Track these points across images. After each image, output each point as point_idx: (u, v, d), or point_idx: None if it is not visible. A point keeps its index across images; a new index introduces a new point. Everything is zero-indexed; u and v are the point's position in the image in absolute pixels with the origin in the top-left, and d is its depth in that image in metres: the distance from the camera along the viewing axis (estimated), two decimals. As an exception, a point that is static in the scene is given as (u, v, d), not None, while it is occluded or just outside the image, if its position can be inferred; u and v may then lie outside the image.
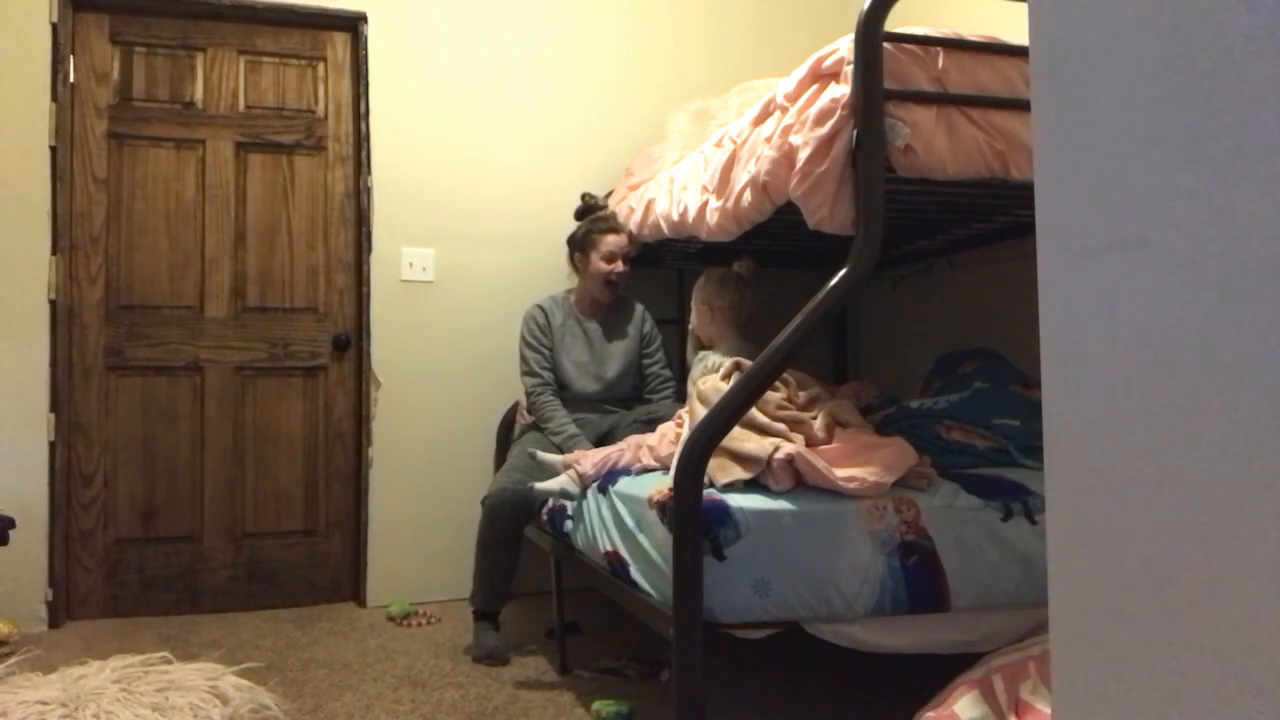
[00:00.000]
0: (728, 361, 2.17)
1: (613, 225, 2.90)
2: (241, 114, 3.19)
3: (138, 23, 3.10)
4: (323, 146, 3.24)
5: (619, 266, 2.87)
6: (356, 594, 3.22)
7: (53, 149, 2.96)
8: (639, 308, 3.03)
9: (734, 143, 2.15)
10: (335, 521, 3.21)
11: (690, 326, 2.71)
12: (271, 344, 3.19)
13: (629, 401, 2.92)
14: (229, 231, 3.17)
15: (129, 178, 3.10)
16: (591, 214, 3.09)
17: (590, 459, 2.29)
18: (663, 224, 2.64)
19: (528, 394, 2.88)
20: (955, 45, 1.80)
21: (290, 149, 3.22)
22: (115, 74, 3.10)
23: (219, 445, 3.13)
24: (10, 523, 2.40)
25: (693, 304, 2.64)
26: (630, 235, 2.88)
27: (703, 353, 2.57)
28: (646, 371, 2.98)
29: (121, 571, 3.03)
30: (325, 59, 3.25)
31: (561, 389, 2.88)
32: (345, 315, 3.25)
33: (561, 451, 2.60)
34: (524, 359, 2.88)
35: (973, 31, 1.86)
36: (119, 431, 3.05)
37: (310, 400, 3.21)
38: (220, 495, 3.12)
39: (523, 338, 2.90)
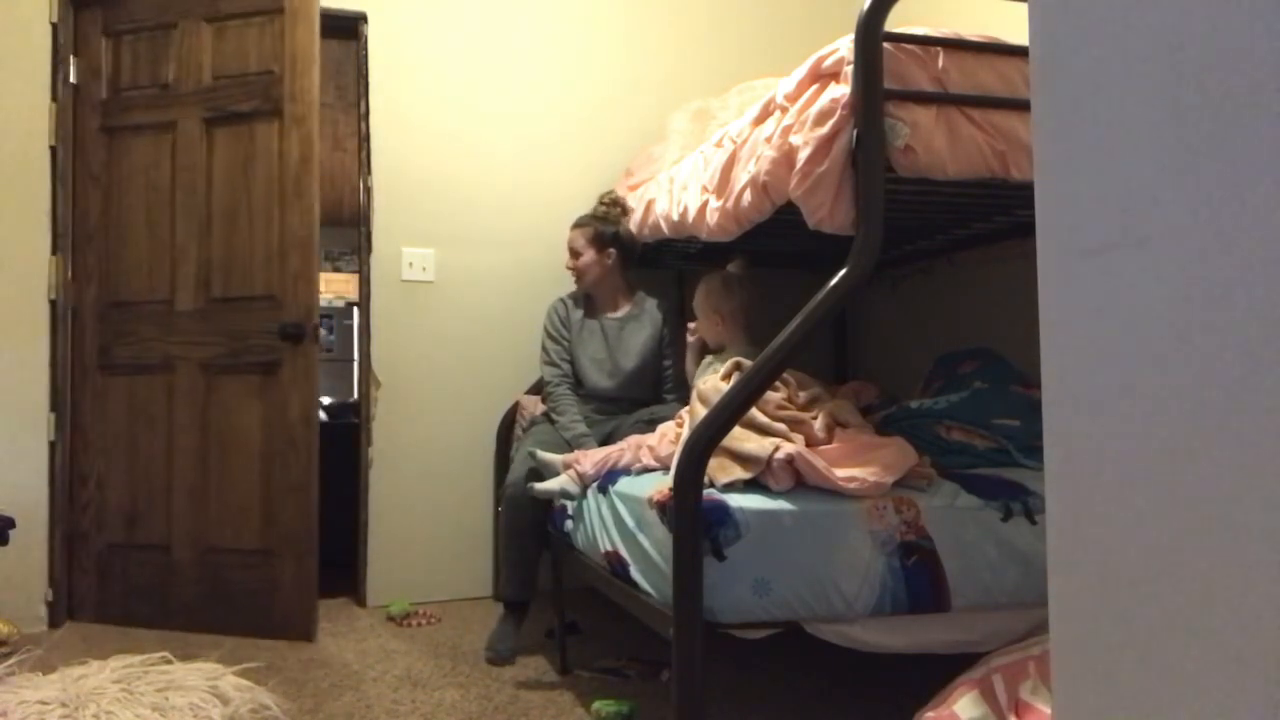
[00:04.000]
0: (728, 362, 2.16)
1: (577, 220, 2.99)
2: (208, 88, 2.93)
3: (125, 10, 3.00)
4: (279, 110, 2.83)
5: (570, 260, 2.96)
6: (356, 594, 3.23)
7: (53, 149, 2.96)
8: (657, 306, 3.02)
9: (734, 143, 2.14)
10: (288, 544, 2.77)
11: (691, 337, 2.68)
12: (232, 338, 2.86)
13: (647, 402, 2.91)
14: (196, 217, 2.92)
15: (117, 171, 3.00)
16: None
17: (590, 459, 2.29)
18: (663, 224, 2.64)
19: (545, 383, 2.92)
20: (955, 45, 1.80)
21: (250, 117, 2.87)
22: (108, 66, 3.01)
23: (187, 449, 2.89)
24: (10, 523, 2.40)
25: (698, 312, 2.61)
26: (599, 229, 2.91)
27: (709, 358, 2.55)
28: (665, 374, 2.97)
29: (110, 577, 2.94)
30: (283, 9, 2.83)
31: (577, 385, 2.90)
32: (299, 303, 2.79)
33: (569, 447, 2.60)
34: (544, 348, 2.95)
35: (973, 31, 1.86)
36: (108, 433, 2.97)
37: (267, 401, 2.82)
38: (186, 504, 2.87)
39: (544, 328, 2.98)
